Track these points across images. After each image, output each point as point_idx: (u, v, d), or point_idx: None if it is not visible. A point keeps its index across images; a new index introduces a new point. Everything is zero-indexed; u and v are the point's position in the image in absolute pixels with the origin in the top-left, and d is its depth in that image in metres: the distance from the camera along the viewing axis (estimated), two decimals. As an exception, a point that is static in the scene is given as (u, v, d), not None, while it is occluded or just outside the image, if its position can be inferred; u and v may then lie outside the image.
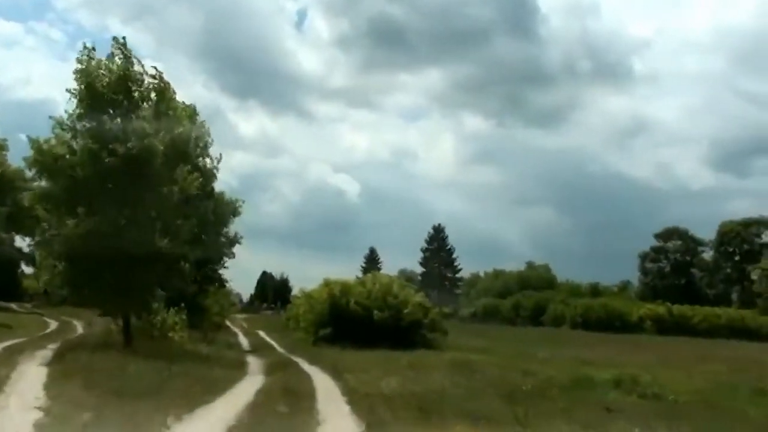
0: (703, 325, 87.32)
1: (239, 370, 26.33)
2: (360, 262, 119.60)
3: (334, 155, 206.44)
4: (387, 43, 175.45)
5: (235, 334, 55.50)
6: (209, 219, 36.84)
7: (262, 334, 57.93)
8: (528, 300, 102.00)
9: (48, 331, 47.20)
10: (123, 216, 28.66)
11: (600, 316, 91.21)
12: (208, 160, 39.56)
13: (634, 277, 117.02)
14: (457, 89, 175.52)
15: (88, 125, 28.93)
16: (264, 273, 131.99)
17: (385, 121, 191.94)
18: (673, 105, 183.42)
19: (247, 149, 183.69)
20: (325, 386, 22.16)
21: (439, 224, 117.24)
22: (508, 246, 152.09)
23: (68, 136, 29.17)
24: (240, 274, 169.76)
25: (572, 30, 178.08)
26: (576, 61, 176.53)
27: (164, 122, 29.54)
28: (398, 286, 45.44)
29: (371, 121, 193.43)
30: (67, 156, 28.36)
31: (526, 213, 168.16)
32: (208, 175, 38.97)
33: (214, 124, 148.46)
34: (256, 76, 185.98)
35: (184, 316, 33.58)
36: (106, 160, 27.45)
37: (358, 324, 41.43)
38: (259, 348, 42.80)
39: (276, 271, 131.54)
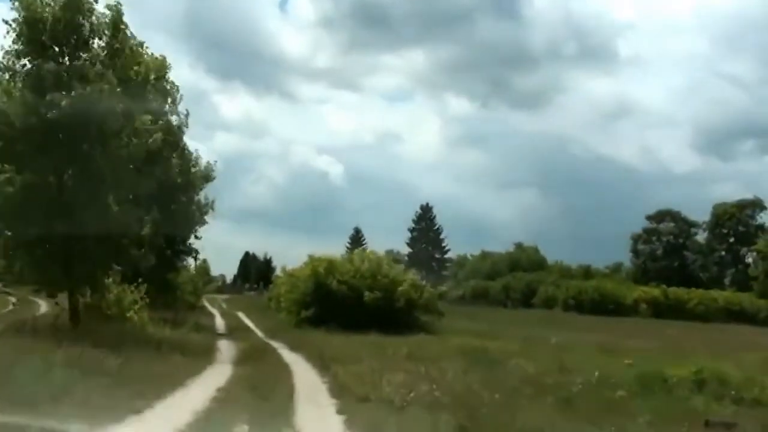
0: (699, 309, 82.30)
1: (203, 359, 20.90)
2: (344, 243, 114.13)
3: (317, 137, 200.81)
4: (371, 24, 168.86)
5: (211, 316, 50.46)
6: (175, 181, 31.50)
7: (241, 315, 53.02)
8: (518, 281, 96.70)
9: (3, 311, 42.25)
10: (68, 174, 23.34)
11: (593, 298, 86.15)
12: (174, 118, 34.40)
13: (621, 259, 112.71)
14: (441, 71, 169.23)
15: (28, 65, 23.43)
16: (247, 254, 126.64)
17: (368, 103, 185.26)
18: (658, 88, 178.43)
19: (231, 131, 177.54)
20: (308, 384, 16.92)
21: (427, 203, 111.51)
22: (494, 228, 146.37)
23: (5, 77, 23.54)
24: (223, 255, 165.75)
25: (556, 12, 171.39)
26: (560, 43, 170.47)
27: (118, 62, 24.06)
28: (388, 264, 40.29)
29: (355, 102, 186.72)
30: (3, 102, 22.76)
31: (512, 195, 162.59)
32: (176, 132, 33.77)
33: (199, 105, 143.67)
34: (240, 57, 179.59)
35: (144, 294, 27.78)
36: (47, 115, 22.04)
37: (344, 305, 36.70)
38: (235, 331, 37.66)
39: (260, 253, 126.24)
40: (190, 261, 40.24)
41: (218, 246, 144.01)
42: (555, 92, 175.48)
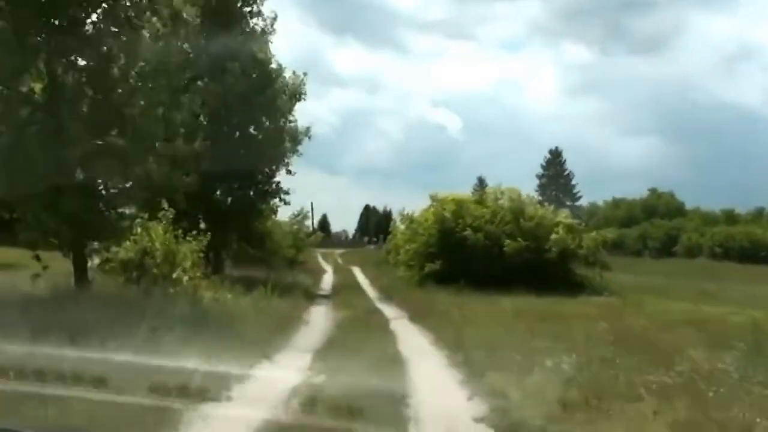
0: None
1: (258, 347, 11.35)
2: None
3: (432, 89, 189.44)
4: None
5: (318, 272, 41.73)
6: (251, 97, 22.58)
7: (356, 270, 44.86)
8: (657, 229, 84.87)
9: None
10: (60, 67, 14.54)
11: (742, 245, 74.57)
12: (257, 21, 25.55)
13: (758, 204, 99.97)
14: (557, 17, 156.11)
15: None
16: (367, 207, 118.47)
17: (483, 53, 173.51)
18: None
19: (346, 86, 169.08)
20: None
21: (557, 147, 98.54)
22: (617, 176, 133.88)
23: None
24: (344, 210, 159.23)
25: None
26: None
27: None
28: (533, 205, 30.46)
29: (469, 52, 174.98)
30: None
31: (634, 142, 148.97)
32: (256, 39, 24.91)
33: (312, 60, 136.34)
34: (351, 11, 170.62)
35: (198, 247, 18.26)
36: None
37: (479, 256, 27.43)
38: (342, 290, 28.52)
39: (380, 207, 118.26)
40: (282, 205, 30.31)
41: (339, 201, 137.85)
42: (674, 35, 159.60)
